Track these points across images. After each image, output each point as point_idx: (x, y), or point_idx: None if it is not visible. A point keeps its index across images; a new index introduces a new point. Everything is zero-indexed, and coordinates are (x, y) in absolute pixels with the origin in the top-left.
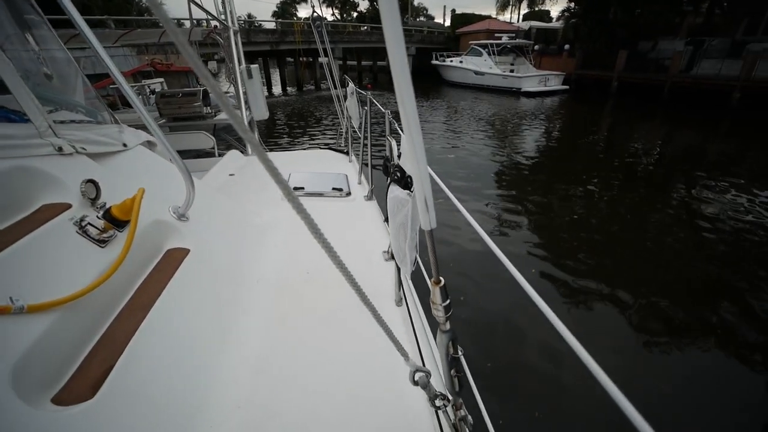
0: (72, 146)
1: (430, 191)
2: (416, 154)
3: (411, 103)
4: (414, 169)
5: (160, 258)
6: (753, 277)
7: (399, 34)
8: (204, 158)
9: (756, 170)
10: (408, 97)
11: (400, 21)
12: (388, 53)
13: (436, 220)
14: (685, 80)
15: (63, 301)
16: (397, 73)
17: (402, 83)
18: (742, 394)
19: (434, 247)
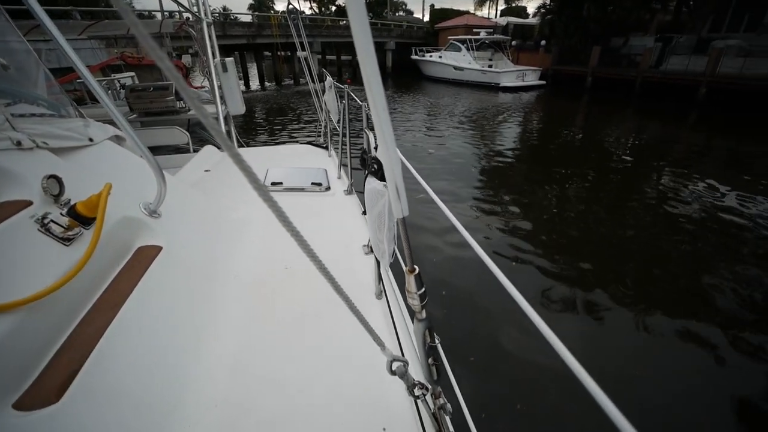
0: (32, 140)
1: (401, 178)
2: (386, 141)
3: (379, 89)
4: (384, 156)
5: (130, 256)
6: (715, 263)
7: (363, 13)
8: (178, 154)
9: (720, 162)
10: (375, 83)
11: (363, 2)
12: (353, 37)
13: (408, 208)
14: (654, 76)
15: (24, 302)
16: (364, 58)
17: (369, 69)
18: (711, 377)
19: (407, 235)
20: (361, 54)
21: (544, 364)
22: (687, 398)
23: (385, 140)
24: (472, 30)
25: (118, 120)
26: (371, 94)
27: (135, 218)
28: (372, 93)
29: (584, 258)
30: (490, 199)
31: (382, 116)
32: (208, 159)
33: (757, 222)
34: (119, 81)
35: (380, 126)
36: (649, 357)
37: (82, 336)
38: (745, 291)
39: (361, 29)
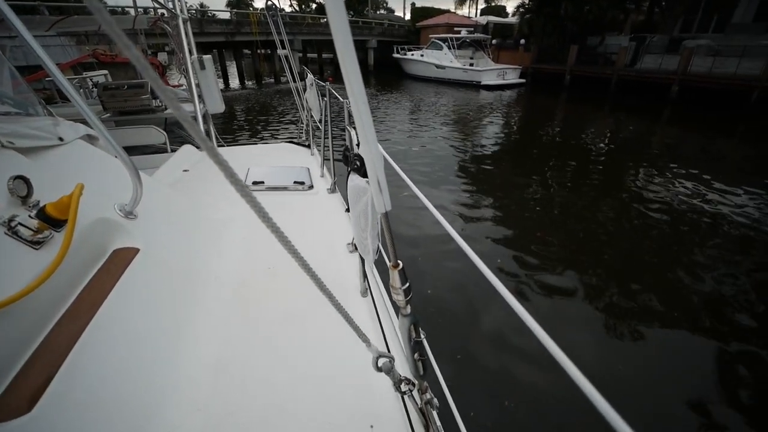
0: None
1: (382, 173)
2: (367, 136)
3: (359, 86)
4: (365, 152)
5: (105, 259)
6: (688, 252)
7: (341, 9)
8: (155, 154)
9: (692, 157)
10: (355, 79)
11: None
12: (332, 33)
13: (390, 203)
14: (630, 74)
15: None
16: (343, 53)
17: (348, 65)
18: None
19: (390, 230)
20: (341, 50)
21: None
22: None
23: (366, 136)
24: (453, 29)
25: (90, 118)
26: (351, 91)
27: (110, 220)
28: (352, 89)
29: (564, 247)
30: (473, 195)
31: (362, 112)
32: (187, 159)
33: (728, 211)
34: (91, 79)
35: (361, 122)
36: (624, 342)
37: (55, 342)
38: (715, 274)
39: (339, 25)
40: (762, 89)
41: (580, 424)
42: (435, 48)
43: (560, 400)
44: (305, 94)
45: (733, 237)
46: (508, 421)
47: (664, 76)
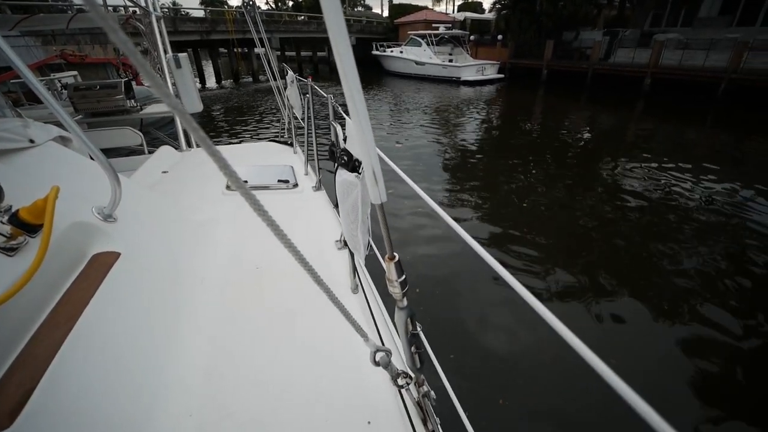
0: None
1: (378, 164)
2: (362, 127)
3: (354, 76)
4: (361, 143)
5: (85, 264)
6: (664, 239)
7: (338, 8)
8: (132, 156)
9: (665, 147)
10: (351, 70)
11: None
12: (327, 30)
13: (386, 194)
14: (604, 67)
15: None
16: (337, 41)
17: (343, 55)
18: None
19: (386, 222)
20: (335, 38)
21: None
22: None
23: (361, 126)
24: (431, 25)
25: (64, 119)
26: (346, 81)
27: (88, 224)
28: (347, 79)
29: (544, 234)
30: (456, 188)
31: (357, 102)
32: (165, 160)
33: (699, 198)
34: (60, 81)
35: (356, 112)
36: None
37: (34, 353)
38: (686, 256)
39: (334, 16)
40: (729, 80)
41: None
42: (414, 45)
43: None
44: (286, 92)
45: (704, 221)
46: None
47: (637, 69)
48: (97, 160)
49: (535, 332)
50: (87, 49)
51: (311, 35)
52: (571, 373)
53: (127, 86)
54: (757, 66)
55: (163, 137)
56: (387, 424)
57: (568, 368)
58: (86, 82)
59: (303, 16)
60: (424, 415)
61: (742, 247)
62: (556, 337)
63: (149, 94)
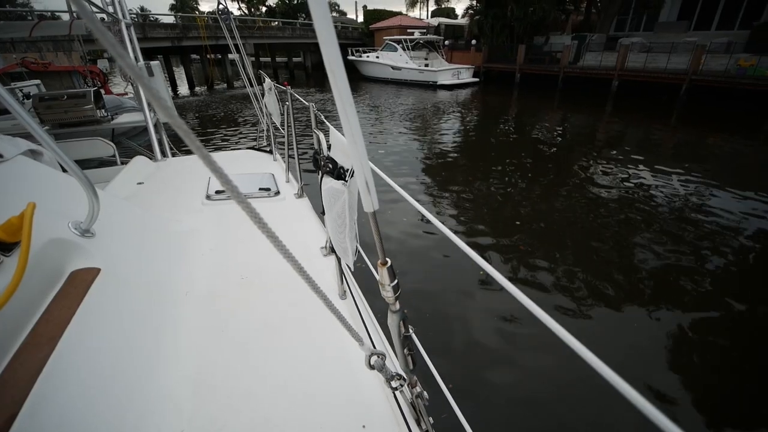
0: None
1: (370, 173)
2: (354, 138)
3: (344, 85)
4: (353, 153)
5: (63, 282)
6: (634, 230)
7: (326, 15)
8: (104, 168)
9: (633, 144)
10: (341, 77)
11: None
12: (318, 38)
13: (378, 202)
14: (574, 70)
15: None
16: (328, 52)
17: (335, 66)
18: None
19: (378, 228)
20: (326, 48)
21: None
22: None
23: (353, 135)
24: (406, 30)
25: (35, 131)
26: (337, 89)
27: (65, 240)
28: (338, 88)
29: (521, 232)
30: (436, 188)
31: (349, 112)
32: (140, 171)
33: (666, 193)
34: (21, 90)
35: (348, 121)
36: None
37: (16, 376)
38: (656, 249)
39: (324, 25)
40: (689, 81)
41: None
42: (389, 50)
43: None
44: (264, 99)
45: (670, 214)
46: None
47: (604, 71)
48: (72, 174)
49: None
50: (50, 56)
51: (286, 41)
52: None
53: (96, 95)
54: (714, 68)
55: (136, 147)
56: (381, 426)
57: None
58: (52, 92)
59: (277, 21)
60: (418, 415)
61: (706, 238)
62: (534, 320)
63: (120, 104)
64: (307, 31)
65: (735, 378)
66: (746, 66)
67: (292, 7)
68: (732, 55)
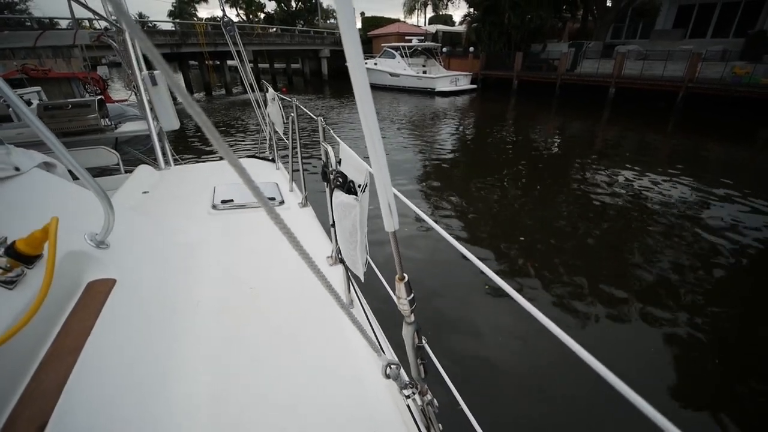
0: None
1: (392, 197)
2: (378, 163)
3: (372, 115)
4: (378, 176)
5: (81, 293)
6: (632, 237)
7: (356, 42)
8: (107, 176)
9: (631, 152)
10: (368, 106)
11: (357, 32)
12: (348, 64)
13: (398, 222)
14: (572, 78)
15: None
16: (357, 82)
17: (362, 94)
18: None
19: (398, 246)
20: (355, 77)
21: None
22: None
23: (378, 160)
24: (404, 38)
25: (51, 143)
26: (365, 119)
27: (82, 252)
28: (367, 122)
29: (521, 238)
30: (435, 196)
31: (376, 140)
32: (145, 180)
33: (663, 197)
34: (22, 97)
35: (375, 150)
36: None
37: (42, 387)
38: (654, 254)
39: (353, 51)
40: (686, 89)
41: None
42: (388, 57)
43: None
44: (267, 109)
45: (669, 219)
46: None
47: (601, 79)
48: (87, 186)
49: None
50: (49, 62)
51: (285, 47)
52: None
53: (100, 104)
54: (710, 75)
55: (137, 154)
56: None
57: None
58: (56, 101)
59: (276, 28)
60: (428, 422)
61: (704, 242)
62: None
63: (122, 112)
64: (305, 38)
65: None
66: (741, 74)
67: (291, 14)
68: (727, 63)
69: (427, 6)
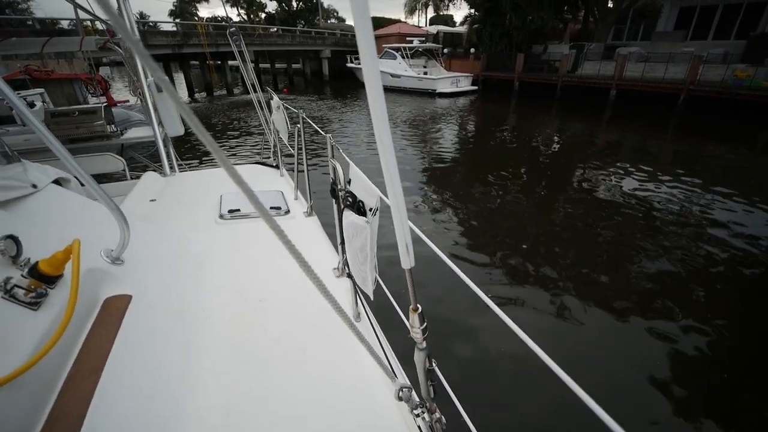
0: None
1: (409, 236)
2: (396, 199)
3: (391, 152)
4: (396, 215)
5: (98, 310)
6: (632, 238)
7: (373, 54)
8: (114, 182)
9: (632, 154)
10: (388, 146)
11: (377, 65)
12: (364, 78)
13: (414, 259)
14: (573, 79)
15: (7, 380)
16: (378, 124)
17: (384, 137)
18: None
19: (413, 280)
20: (372, 102)
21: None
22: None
23: (395, 195)
24: (405, 38)
25: (65, 159)
26: (386, 162)
27: (99, 269)
28: (386, 160)
29: (522, 239)
30: (435, 197)
31: (394, 180)
32: (151, 187)
33: (664, 200)
34: (26, 99)
35: (391, 182)
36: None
37: (67, 406)
38: (655, 255)
39: (372, 72)
40: (687, 92)
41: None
42: (389, 57)
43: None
44: (272, 117)
45: (668, 220)
46: None
47: (602, 81)
48: (104, 203)
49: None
50: (52, 63)
51: (286, 48)
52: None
53: (106, 111)
54: (712, 78)
55: (141, 159)
56: None
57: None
58: (64, 108)
59: (277, 28)
60: None
61: (704, 244)
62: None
63: (127, 117)
64: (306, 38)
65: None
66: (743, 77)
67: (292, 14)
68: (729, 66)
69: (428, 6)
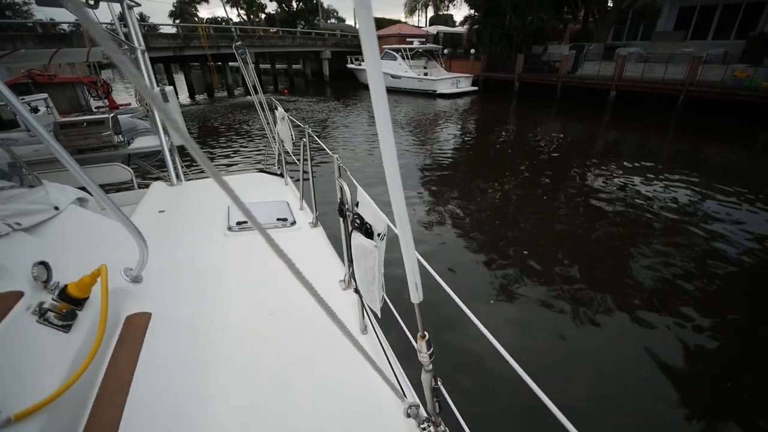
0: (7, 224)
1: (418, 273)
2: (405, 236)
3: (398, 182)
4: (406, 254)
5: (120, 328)
6: (630, 236)
7: (378, 70)
8: (121, 192)
9: (631, 154)
10: (396, 180)
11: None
12: (371, 96)
13: (422, 293)
14: (572, 80)
15: (48, 401)
16: (388, 162)
17: (392, 171)
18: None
19: (421, 312)
20: (380, 125)
21: None
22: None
23: (404, 231)
24: (405, 39)
25: (86, 182)
26: (394, 196)
27: (120, 289)
28: (394, 194)
29: (522, 241)
30: (435, 198)
31: (402, 219)
32: (159, 197)
33: (661, 200)
34: (29, 104)
35: (401, 225)
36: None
37: (101, 422)
38: (651, 253)
39: (378, 89)
40: (686, 92)
41: None
42: (389, 58)
43: None
44: (276, 127)
45: (667, 220)
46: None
47: (602, 81)
48: (123, 225)
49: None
50: (54, 67)
51: (287, 49)
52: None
53: (114, 121)
54: (711, 78)
55: (147, 167)
56: None
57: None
58: (72, 119)
59: (277, 29)
60: None
61: (703, 244)
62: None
63: (133, 126)
64: (306, 39)
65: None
66: (742, 77)
67: (292, 14)
68: (728, 66)
69: (428, 6)
